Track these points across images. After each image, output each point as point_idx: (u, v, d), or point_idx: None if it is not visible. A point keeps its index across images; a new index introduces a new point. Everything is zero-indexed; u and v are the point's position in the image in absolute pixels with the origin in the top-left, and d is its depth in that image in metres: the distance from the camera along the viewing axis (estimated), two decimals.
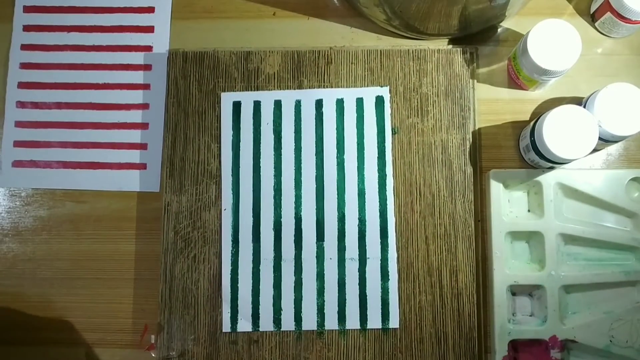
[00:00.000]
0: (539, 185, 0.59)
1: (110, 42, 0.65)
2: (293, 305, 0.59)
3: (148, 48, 0.65)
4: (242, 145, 0.61)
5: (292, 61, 0.63)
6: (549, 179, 0.58)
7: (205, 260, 0.60)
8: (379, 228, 0.60)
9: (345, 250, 0.60)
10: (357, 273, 0.59)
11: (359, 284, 0.59)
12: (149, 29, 0.66)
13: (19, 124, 0.64)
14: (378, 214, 0.60)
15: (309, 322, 0.59)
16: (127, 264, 0.62)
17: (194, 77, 0.63)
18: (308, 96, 0.62)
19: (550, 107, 0.57)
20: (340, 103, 0.62)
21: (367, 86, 0.62)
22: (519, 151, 0.61)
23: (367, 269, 0.59)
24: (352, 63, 0.63)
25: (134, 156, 0.64)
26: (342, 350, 0.59)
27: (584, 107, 0.57)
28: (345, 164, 0.61)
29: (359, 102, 0.62)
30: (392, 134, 0.61)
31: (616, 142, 0.58)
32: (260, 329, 0.59)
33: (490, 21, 0.62)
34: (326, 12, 0.65)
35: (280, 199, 0.61)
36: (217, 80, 0.63)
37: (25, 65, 0.65)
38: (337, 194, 0.60)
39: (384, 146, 0.61)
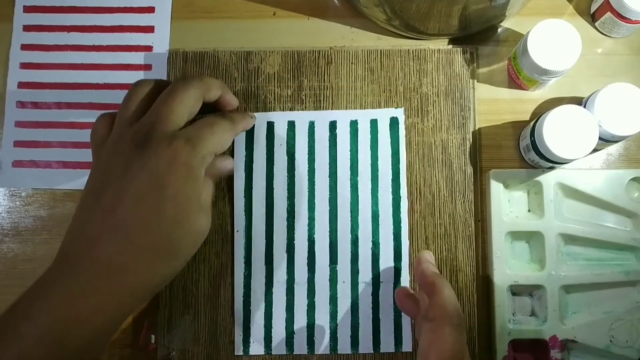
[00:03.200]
0: (539, 185, 0.59)
1: (110, 42, 0.65)
2: (306, 329, 0.59)
3: (148, 48, 0.65)
4: (255, 167, 0.61)
5: (292, 61, 0.63)
6: (549, 179, 0.58)
7: (205, 260, 0.60)
8: (392, 251, 0.59)
9: (358, 273, 0.59)
10: (371, 297, 0.59)
11: (372, 308, 0.59)
12: (149, 29, 0.65)
13: (19, 124, 0.64)
14: (392, 237, 0.59)
15: (322, 346, 0.59)
16: None
17: None
18: (322, 117, 0.61)
19: (550, 107, 0.57)
20: (354, 124, 0.61)
21: (368, 86, 0.62)
22: (519, 151, 0.61)
23: (380, 292, 0.59)
24: (352, 63, 0.62)
25: None
26: None
27: (584, 107, 0.57)
28: (359, 186, 0.60)
29: (373, 123, 0.61)
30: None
31: (616, 142, 0.58)
32: (273, 353, 0.59)
33: (491, 21, 0.62)
34: (326, 12, 0.65)
35: (294, 221, 0.60)
36: None
37: (25, 65, 0.65)
38: (351, 217, 0.60)
39: (399, 168, 0.60)
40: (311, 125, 0.61)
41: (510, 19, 0.63)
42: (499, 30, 0.64)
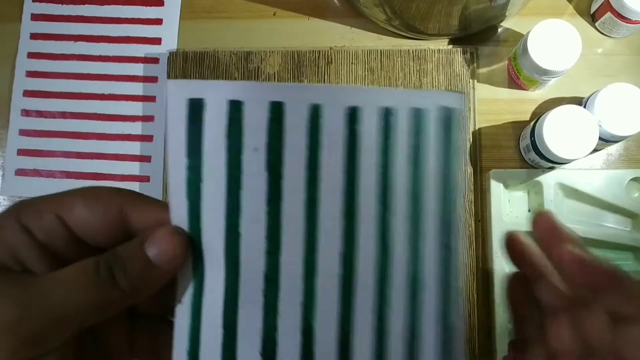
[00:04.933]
0: (539, 185, 0.59)
1: (117, 52, 0.65)
2: None
3: (155, 60, 0.65)
4: (204, 188, 0.28)
5: (292, 61, 0.63)
6: (549, 179, 0.59)
7: None
8: (440, 350, 0.29)
9: None
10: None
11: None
12: (156, 41, 0.65)
13: (23, 132, 0.64)
14: (438, 320, 0.29)
15: None
16: None
17: (194, 77, 0.63)
18: (333, 98, 0.28)
19: (550, 107, 0.57)
20: (386, 115, 0.28)
21: (368, 86, 0.62)
22: (519, 151, 0.61)
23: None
24: (352, 63, 0.63)
25: (137, 168, 0.64)
26: None
27: (584, 107, 0.57)
28: (391, 230, 0.29)
29: (417, 115, 0.29)
30: None
31: (616, 142, 0.58)
32: None
33: (491, 21, 0.61)
34: (326, 12, 0.65)
35: (277, 296, 0.28)
36: None
37: (31, 74, 0.65)
38: (377, 288, 0.29)
39: (452, 198, 0.29)
40: (314, 111, 0.28)
41: (510, 19, 0.63)
42: (499, 30, 0.63)
